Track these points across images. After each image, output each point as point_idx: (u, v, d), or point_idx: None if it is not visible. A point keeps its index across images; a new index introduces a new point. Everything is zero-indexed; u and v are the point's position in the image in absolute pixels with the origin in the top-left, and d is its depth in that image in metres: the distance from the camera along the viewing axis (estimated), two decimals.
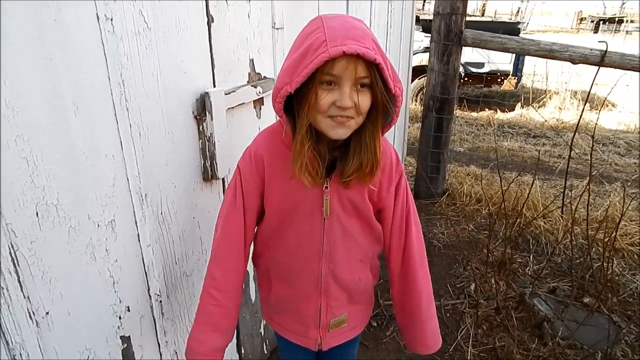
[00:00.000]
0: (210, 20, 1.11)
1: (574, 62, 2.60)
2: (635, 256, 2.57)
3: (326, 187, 0.90)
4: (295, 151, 0.82)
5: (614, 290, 2.19)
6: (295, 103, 0.81)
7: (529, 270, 2.48)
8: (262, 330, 1.68)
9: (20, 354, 0.76)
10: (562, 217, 2.84)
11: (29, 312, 0.77)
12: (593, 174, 2.30)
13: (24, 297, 0.76)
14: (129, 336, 1.03)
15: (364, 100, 0.79)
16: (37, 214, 0.76)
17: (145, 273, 1.04)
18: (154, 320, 1.10)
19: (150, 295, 1.07)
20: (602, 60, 2.49)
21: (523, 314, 2.09)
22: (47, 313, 0.81)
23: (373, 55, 0.73)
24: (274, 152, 0.92)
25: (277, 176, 0.92)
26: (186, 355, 1.00)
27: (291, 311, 1.05)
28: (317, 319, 1.03)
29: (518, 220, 2.69)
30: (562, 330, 1.91)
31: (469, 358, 1.86)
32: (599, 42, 2.52)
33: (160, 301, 1.10)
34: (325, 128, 0.81)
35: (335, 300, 1.02)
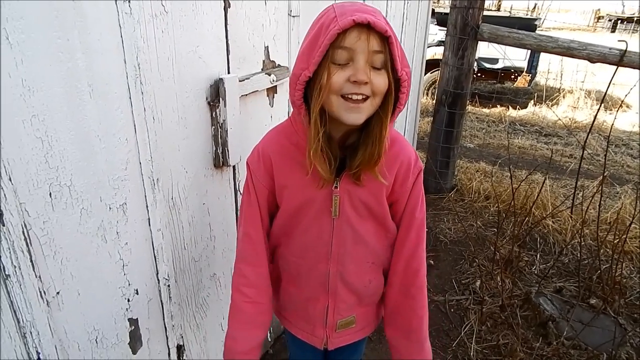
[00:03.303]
0: (227, 5, 1.10)
1: (592, 61, 2.56)
2: None
3: (335, 187, 0.87)
4: (309, 137, 0.79)
5: (621, 293, 2.17)
6: (309, 90, 0.78)
7: (535, 269, 2.47)
8: None
9: (31, 332, 0.77)
10: (571, 217, 2.81)
11: (40, 292, 0.78)
12: (604, 175, 2.27)
13: (36, 276, 0.77)
14: (137, 319, 1.03)
15: (379, 80, 0.75)
16: (50, 194, 0.77)
17: (155, 257, 1.05)
18: (162, 304, 1.11)
19: (158, 279, 1.08)
20: (621, 59, 2.45)
21: (528, 312, 2.08)
22: (58, 293, 0.82)
23: (384, 26, 0.70)
24: (282, 151, 0.90)
25: (285, 175, 0.91)
26: (225, 356, 0.98)
27: (299, 309, 1.04)
28: (323, 319, 1.01)
29: (527, 218, 2.67)
30: (567, 330, 1.90)
31: (472, 354, 1.86)
32: (619, 41, 2.47)
33: (169, 285, 1.11)
34: (339, 111, 0.76)
35: (343, 302, 0.99)
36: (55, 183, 0.77)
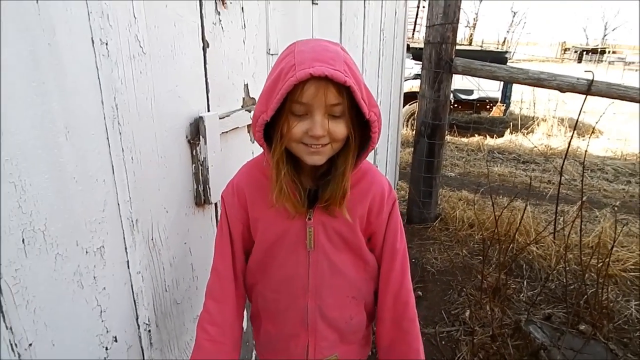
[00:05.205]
0: (205, 45, 1.12)
1: (562, 90, 2.66)
2: (628, 282, 2.56)
3: (309, 219, 0.87)
4: (272, 178, 0.81)
5: (609, 317, 2.17)
6: (271, 130, 0.80)
7: (523, 296, 2.47)
8: (253, 358, 1.63)
9: None
10: (554, 242, 2.84)
11: (12, 344, 0.74)
12: (583, 199, 2.32)
13: (6, 327, 0.73)
14: None
15: (338, 128, 0.76)
16: (23, 240, 0.74)
17: (134, 301, 1.01)
18: (142, 350, 1.06)
19: (138, 325, 1.03)
20: (589, 89, 2.55)
21: (519, 341, 2.05)
22: (30, 345, 0.78)
23: (343, 78, 0.70)
24: (255, 184, 0.91)
25: (258, 208, 0.90)
26: None
27: (280, 350, 1.00)
28: (304, 359, 0.97)
29: (511, 245, 2.69)
30: (559, 358, 1.87)
31: None
32: (586, 71, 2.59)
33: (149, 330, 1.06)
34: (300, 154, 0.80)
35: (324, 339, 0.96)
36: (29, 228, 0.74)
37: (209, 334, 0.94)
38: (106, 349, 0.95)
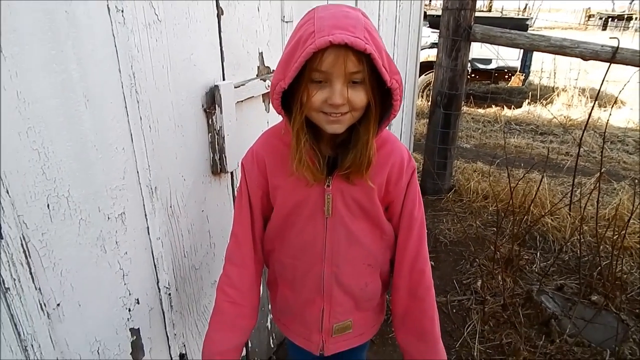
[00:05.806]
0: (220, 12, 1.11)
1: (584, 58, 2.57)
2: None
3: (328, 186, 0.87)
4: (292, 147, 0.81)
5: (622, 289, 2.17)
6: (290, 98, 0.79)
7: (536, 267, 2.47)
8: (268, 324, 1.68)
9: (32, 345, 0.77)
10: (570, 214, 2.82)
11: (41, 304, 0.78)
12: (601, 171, 2.28)
13: (36, 288, 0.76)
14: (138, 328, 1.03)
15: (358, 96, 0.75)
16: (48, 206, 0.77)
17: (155, 266, 1.05)
18: (163, 312, 1.10)
19: (159, 288, 1.07)
20: (613, 56, 2.46)
21: (530, 311, 2.08)
22: (58, 305, 0.82)
23: (363, 45, 0.68)
24: (274, 152, 0.91)
25: (278, 175, 0.91)
26: (202, 356, 0.98)
27: (296, 314, 1.03)
28: (319, 323, 1.00)
29: (525, 217, 2.67)
30: (569, 327, 1.89)
31: (475, 354, 1.85)
32: (610, 38, 2.49)
33: (169, 294, 1.10)
34: (320, 123, 0.79)
35: (339, 305, 0.98)
36: (53, 194, 0.77)
37: (229, 296, 0.96)
38: (129, 310, 0.99)
